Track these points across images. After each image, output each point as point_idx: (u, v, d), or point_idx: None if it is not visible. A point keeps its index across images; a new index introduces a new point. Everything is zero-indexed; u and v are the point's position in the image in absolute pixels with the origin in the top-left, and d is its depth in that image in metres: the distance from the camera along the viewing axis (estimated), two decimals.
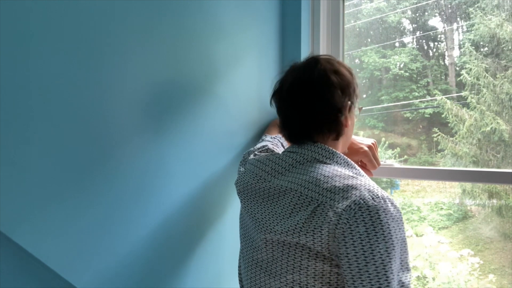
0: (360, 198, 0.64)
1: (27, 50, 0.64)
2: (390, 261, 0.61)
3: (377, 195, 0.65)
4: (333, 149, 0.79)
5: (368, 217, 0.62)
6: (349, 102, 0.81)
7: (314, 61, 0.83)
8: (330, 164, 0.76)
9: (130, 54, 0.82)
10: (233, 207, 1.16)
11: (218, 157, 1.09)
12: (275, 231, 0.72)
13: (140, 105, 0.85)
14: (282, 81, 0.86)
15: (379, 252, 0.61)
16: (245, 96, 1.19)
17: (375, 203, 0.63)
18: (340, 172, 0.72)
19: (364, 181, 0.68)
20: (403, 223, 0.66)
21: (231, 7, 1.10)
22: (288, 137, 0.85)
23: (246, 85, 1.19)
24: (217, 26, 1.05)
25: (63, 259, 0.70)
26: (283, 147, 1.08)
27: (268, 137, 1.12)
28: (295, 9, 1.30)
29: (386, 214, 0.63)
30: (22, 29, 0.63)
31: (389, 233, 0.62)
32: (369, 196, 0.64)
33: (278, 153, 0.87)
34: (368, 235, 0.62)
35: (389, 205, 0.64)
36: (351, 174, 0.72)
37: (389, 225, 0.63)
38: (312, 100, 0.79)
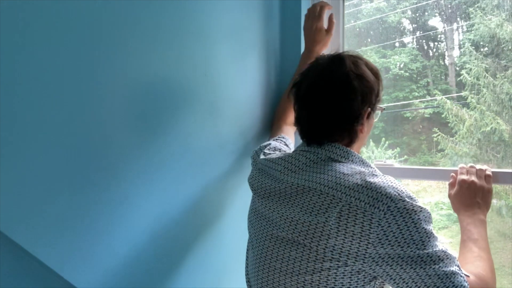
0: (387, 197, 0.64)
1: (23, 49, 0.64)
2: (427, 253, 0.63)
3: (402, 191, 0.65)
4: (348, 148, 0.77)
5: (399, 214, 0.63)
6: (369, 109, 0.78)
7: (338, 61, 0.78)
8: (346, 163, 0.75)
9: (129, 54, 0.82)
10: (235, 208, 1.16)
11: (220, 157, 1.09)
12: (295, 231, 0.70)
13: (140, 105, 0.85)
14: (303, 75, 0.82)
15: (416, 247, 0.62)
16: (246, 96, 1.18)
17: (402, 200, 0.64)
18: (358, 170, 0.71)
19: (385, 178, 0.68)
20: (430, 214, 0.66)
21: (229, 7, 1.10)
22: (300, 134, 0.84)
23: (246, 85, 1.18)
24: (215, 27, 1.05)
25: (63, 259, 0.70)
26: (287, 146, 1.06)
27: (271, 140, 1.10)
28: (295, 9, 1.30)
29: (413, 208, 0.64)
30: (18, 29, 0.63)
31: (422, 224, 0.63)
32: (395, 194, 0.64)
33: (289, 153, 0.85)
34: (401, 232, 0.62)
35: (412, 200, 0.65)
36: (368, 171, 0.70)
37: (420, 218, 0.64)
38: (328, 106, 0.76)
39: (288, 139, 1.10)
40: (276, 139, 1.09)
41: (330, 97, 0.76)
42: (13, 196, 0.63)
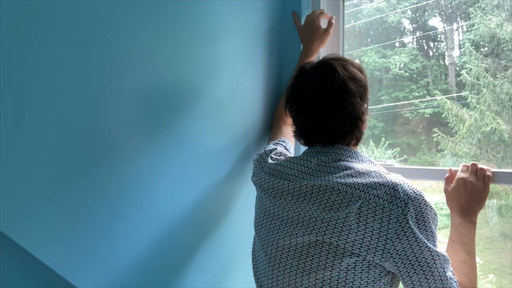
0: (405, 194, 0.67)
1: (26, 50, 0.64)
2: (432, 251, 0.67)
3: (417, 189, 0.69)
4: (354, 149, 0.82)
5: (414, 213, 0.66)
6: (365, 105, 0.83)
7: (329, 70, 0.80)
8: (356, 163, 0.78)
9: (129, 54, 0.82)
10: (237, 209, 1.16)
11: (222, 158, 1.09)
12: (314, 228, 0.72)
13: (140, 106, 0.85)
14: (296, 89, 0.83)
15: (427, 246, 0.67)
16: (246, 98, 1.18)
17: (417, 197, 0.67)
18: (372, 168, 0.74)
19: (398, 177, 0.71)
20: (436, 215, 0.71)
21: (229, 7, 1.10)
22: (306, 143, 0.86)
23: (247, 86, 1.18)
24: (215, 27, 1.05)
25: (63, 259, 0.70)
26: (287, 150, 1.06)
27: (271, 143, 1.09)
28: (295, 9, 1.30)
29: (426, 207, 0.68)
30: (21, 28, 0.63)
31: (432, 223, 0.68)
32: (411, 191, 0.68)
33: (300, 156, 0.86)
34: (419, 227, 0.66)
35: (425, 198, 0.69)
36: (380, 170, 0.74)
37: (430, 217, 0.68)
38: (335, 113, 0.78)
39: (288, 143, 1.10)
40: (277, 143, 1.08)
41: (333, 105, 0.78)
42: (13, 196, 0.63)
